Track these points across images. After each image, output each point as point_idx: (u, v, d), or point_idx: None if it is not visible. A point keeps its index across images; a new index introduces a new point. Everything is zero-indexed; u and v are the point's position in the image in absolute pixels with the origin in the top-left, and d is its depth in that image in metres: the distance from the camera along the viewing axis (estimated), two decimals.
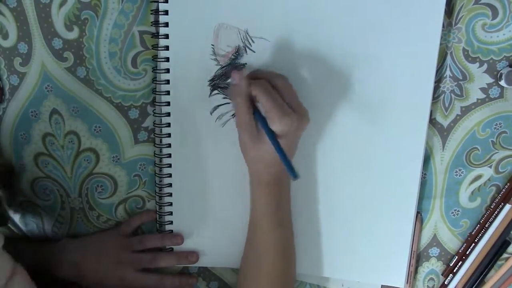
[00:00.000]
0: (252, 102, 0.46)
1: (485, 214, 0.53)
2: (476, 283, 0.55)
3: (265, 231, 0.49)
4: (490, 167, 0.52)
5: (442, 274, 0.56)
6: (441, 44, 0.49)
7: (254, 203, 0.50)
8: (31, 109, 0.53)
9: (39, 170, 0.55)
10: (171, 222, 0.55)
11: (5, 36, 0.51)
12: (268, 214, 0.49)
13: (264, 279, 0.50)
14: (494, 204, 0.53)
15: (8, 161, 0.55)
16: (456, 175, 0.52)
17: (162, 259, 0.55)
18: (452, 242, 0.55)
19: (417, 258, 0.56)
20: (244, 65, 0.50)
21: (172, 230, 0.55)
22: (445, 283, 0.56)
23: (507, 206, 0.51)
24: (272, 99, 0.43)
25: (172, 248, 0.56)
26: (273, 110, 0.43)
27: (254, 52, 0.50)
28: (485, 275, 0.55)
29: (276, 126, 0.44)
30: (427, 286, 0.57)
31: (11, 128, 0.54)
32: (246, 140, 0.46)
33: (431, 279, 0.57)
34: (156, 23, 0.50)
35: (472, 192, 0.53)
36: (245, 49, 0.50)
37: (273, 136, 0.44)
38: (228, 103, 0.51)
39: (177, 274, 0.58)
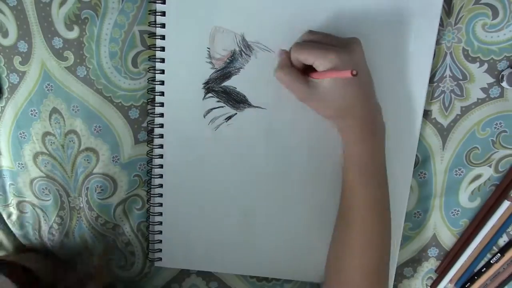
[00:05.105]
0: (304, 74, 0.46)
1: (481, 210, 0.53)
2: (468, 280, 0.55)
3: (357, 185, 0.45)
4: (490, 166, 0.52)
5: (435, 271, 0.56)
6: (441, 44, 0.49)
7: (345, 162, 0.46)
8: (30, 108, 0.53)
9: (39, 169, 0.55)
10: (161, 223, 0.55)
11: (5, 35, 0.51)
12: (358, 167, 0.44)
13: (357, 240, 0.45)
14: (489, 200, 0.53)
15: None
16: (456, 174, 0.53)
17: None
18: (451, 242, 0.55)
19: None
20: (239, 69, 0.50)
21: (161, 231, 0.55)
22: (439, 279, 0.56)
23: (506, 203, 0.51)
24: (305, 47, 0.44)
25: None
26: (312, 53, 0.43)
27: (249, 57, 0.50)
28: (478, 272, 0.55)
29: (323, 64, 0.42)
30: (426, 284, 0.57)
31: (11, 127, 0.53)
32: (307, 100, 0.46)
33: (430, 277, 0.57)
34: (154, 24, 0.50)
35: (472, 192, 0.53)
36: (241, 54, 0.50)
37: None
38: (222, 106, 0.51)
39: None
